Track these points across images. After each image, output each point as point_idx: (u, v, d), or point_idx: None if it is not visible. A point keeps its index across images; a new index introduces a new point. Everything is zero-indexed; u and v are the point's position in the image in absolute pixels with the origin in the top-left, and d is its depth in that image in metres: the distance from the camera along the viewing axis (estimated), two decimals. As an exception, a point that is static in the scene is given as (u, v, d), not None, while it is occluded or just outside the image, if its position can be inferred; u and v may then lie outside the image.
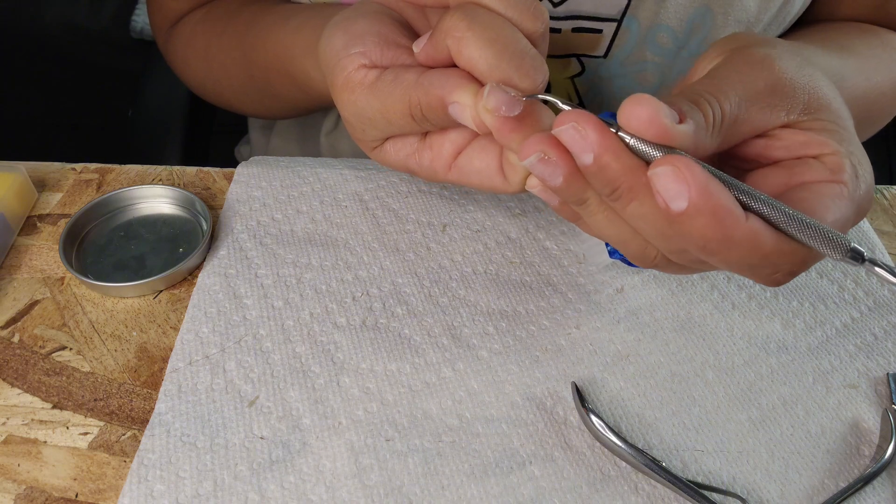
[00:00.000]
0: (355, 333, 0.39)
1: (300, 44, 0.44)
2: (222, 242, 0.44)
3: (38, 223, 0.46)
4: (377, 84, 0.33)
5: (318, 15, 0.44)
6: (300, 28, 0.44)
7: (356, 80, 0.34)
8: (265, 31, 0.48)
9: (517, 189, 0.34)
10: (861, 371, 0.39)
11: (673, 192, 0.26)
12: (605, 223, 0.31)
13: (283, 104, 0.52)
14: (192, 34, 0.54)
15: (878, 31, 0.51)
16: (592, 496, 0.33)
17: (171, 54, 0.58)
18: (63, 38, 1.31)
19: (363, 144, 0.37)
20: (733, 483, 0.34)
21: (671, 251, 0.30)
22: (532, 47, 0.31)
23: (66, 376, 0.37)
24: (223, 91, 0.55)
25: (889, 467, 0.34)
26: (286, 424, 0.35)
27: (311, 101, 0.48)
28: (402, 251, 0.44)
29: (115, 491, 0.33)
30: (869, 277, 0.44)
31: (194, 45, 0.54)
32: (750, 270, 0.29)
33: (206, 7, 0.55)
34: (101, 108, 1.21)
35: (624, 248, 0.31)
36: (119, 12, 1.27)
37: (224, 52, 0.51)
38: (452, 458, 0.34)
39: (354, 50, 0.34)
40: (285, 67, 0.46)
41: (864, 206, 0.31)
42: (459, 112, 0.32)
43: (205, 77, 0.55)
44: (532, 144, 0.29)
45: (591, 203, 0.30)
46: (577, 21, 0.46)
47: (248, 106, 0.55)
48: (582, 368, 0.38)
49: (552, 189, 0.30)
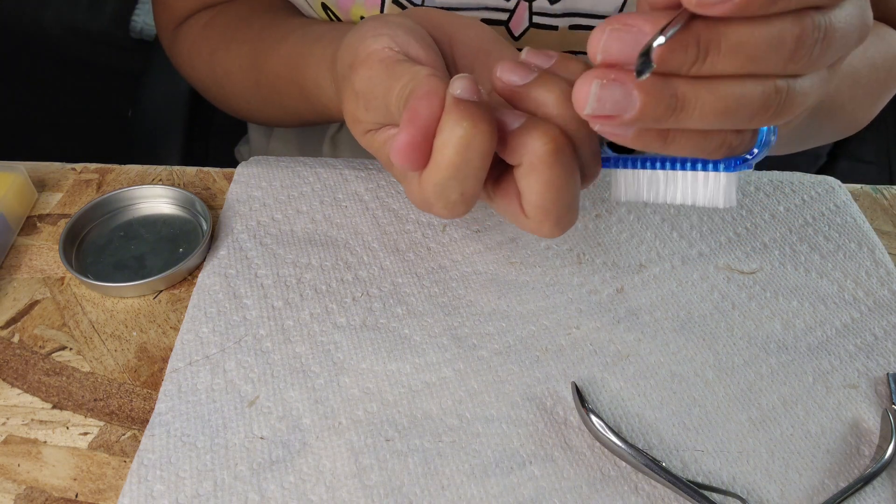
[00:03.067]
0: (355, 333, 0.39)
1: (317, 53, 0.44)
2: (222, 242, 0.44)
3: (38, 223, 0.46)
4: (395, 63, 0.33)
5: (338, 28, 0.44)
6: (319, 39, 0.44)
7: (378, 54, 0.33)
8: (280, 39, 0.48)
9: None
10: (861, 371, 0.39)
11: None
12: (712, 97, 0.26)
13: (287, 114, 0.51)
14: (197, 38, 0.54)
15: (878, 27, 0.51)
16: (592, 496, 0.33)
17: (177, 56, 0.58)
18: (63, 38, 1.30)
19: (358, 125, 0.36)
20: (733, 483, 0.34)
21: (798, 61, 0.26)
22: (576, 202, 0.32)
23: (65, 376, 0.37)
24: (226, 96, 0.55)
25: (889, 467, 0.34)
26: (286, 424, 0.35)
27: (316, 114, 0.48)
28: (402, 251, 0.44)
29: (115, 491, 0.33)
30: (869, 278, 0.44)
31: (199, 50, 0.54)
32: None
33: (213, 11, 0.55)
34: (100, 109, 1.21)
35: (750, 106, 0.27)
36: (119, 12, 1.27)
37: (230, 58, 0.51)
38: (452, 458, 0.34)
39: (384, 32, 0.34)
40: (296, 76, 0.46)
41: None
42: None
43: (209, 82, 0.55)
44: (584, 79, 0.26)
45: (685, 88, 0.26)
46: (574, 18, 0.46)
47: (251, 113, 0.55)
48: (582, 368, 0.38)
49: (628, 117, 0.26)
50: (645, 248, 0.45)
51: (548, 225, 0.32)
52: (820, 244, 0.46)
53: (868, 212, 0.48)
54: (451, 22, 0.37)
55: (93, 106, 1.27)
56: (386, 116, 0.34)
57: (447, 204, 0.32)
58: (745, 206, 0.48)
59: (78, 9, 1.29)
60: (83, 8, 1.29)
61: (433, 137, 0.30)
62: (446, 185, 0.30)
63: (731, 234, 0.46)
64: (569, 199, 0.31)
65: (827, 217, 0.47)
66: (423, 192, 0.31)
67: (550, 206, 0.31)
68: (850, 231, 0.46)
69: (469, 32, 0.36)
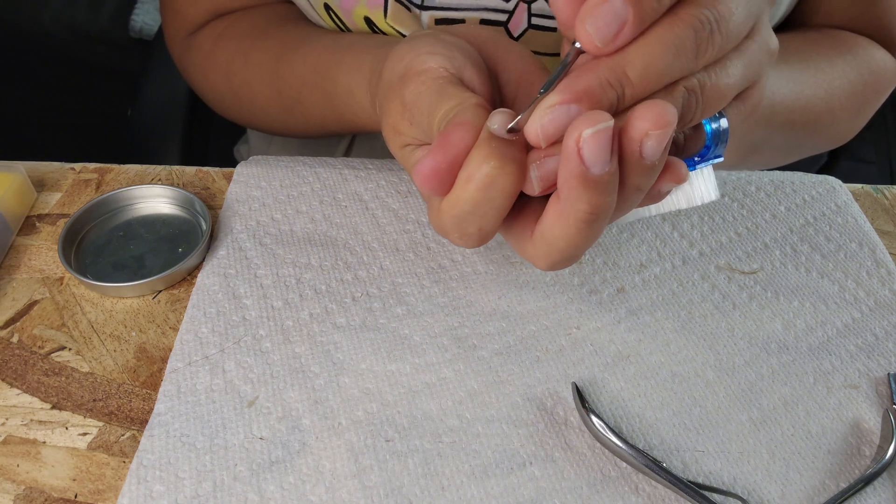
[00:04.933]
0: (355, 334, 0.39)
1: (349, 61, 0.43)
2: (221, 242, 0.44)
3: (37, 223, 0.46)
4: (448, 85, 0.32)
5: (370, 38, 0.44)
6: (349, 47, 0.44)
7: (434, 72, 0.33)
8: (305, 48, 0.47)
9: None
10: (862, 371, 0.39)
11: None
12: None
13: (309, 123, 0.51)
14: (213, 49, 0.54)
15: (852, 44, 0.52)
16: (593, 497, 0.33)
17: (189, 66, 0.57)
18: (62, 37, 1.30)
19: (398, 137, 0.35)
20: (734, 484, 0.34)
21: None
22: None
23: (65, 376, 0.37)
24: (243, 106, 0.54)
25: (890, 468, 0.34)
26: (286, 425, 0.35)
27: (342, 122, 0.47)
28: (401, 251, 0.44)
29: (115, 491, 0.33)
30: (870, 278, 0.44)
31: (215, 60, 0.53)
32: None
33: (226, 21, 0.54)
34: (99, 108, 1.21)
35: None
36: (118, 12, 1.27)
37: (250, 67, 0.51)
38: (452, 459, 0.34)
39: (441, 51, 0.34)
40: (324, 84, 0.46)
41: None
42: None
43: (224, 92, 0.54)
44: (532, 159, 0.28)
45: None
46: None
47: (269, 123, 0.55)
48: (582, 369, 0.38)
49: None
50: (645, 247, 0.45)
51: (549, 262, 0.31)
52: (821, 244, 0.46)
53: (869, 212, 0.48)
54: (498, 45, 0.36)
55: (92, 105, 1.27)
56: (427, 135, 0.33)
57: (463, 235, 0.31)
58: (746, 205, 0.48)
59: (77, 9, 1.29)
60: (82, 8, 1.29)
61: (459, 168, 0.29)
62: (465, 218, 0.30)
63: (731, 234, 0.46)
64: (584, 249, 0.31)
65: (828, 217, 0.47)
66: (440, 219, 0.31)
67: (566, 248, 0.30)
68: (851, 231, 0.46)
69: (514, 58, 0.36)
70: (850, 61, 0.50)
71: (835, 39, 0.52)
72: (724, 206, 0.48)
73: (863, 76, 0.51)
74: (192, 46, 0.56)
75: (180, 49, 0.58)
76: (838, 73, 0.49)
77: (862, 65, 0.51)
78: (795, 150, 0.53)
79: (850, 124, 0.53)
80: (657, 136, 0.26)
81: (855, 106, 0.51)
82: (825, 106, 0.49)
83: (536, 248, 0.31)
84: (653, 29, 0.26)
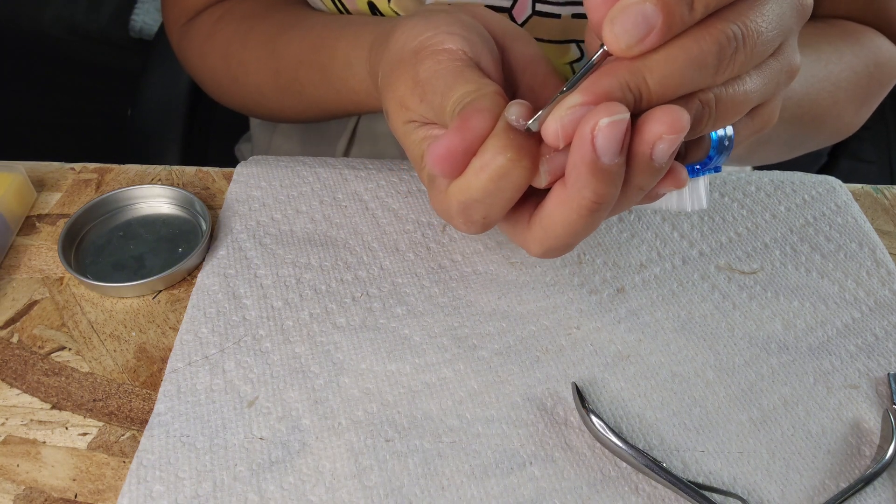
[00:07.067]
0: (355, 334, 0.39)
1: (348, 35, 0.43)
2: (221, 242, 0.44)
3: (37, 223, 0.46)
4: (467, 68, 0.32)
5: (370, 17, 0.44)
6: (347, 24, 0.44)
7: (453, 53, 0.33)
8: (303, 27, 0.47)
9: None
10: (862, 371, 0.39)
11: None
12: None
13: (306, 103, 0.50)
14: (210, 33, 0.54)
15: (859, 35, 0.52)
16: (593, 497, 0.33)
17: (186, 50, 0.57)
18: (62, 37, 1.31)
19: (404, 112, 0.34)
20: (734, 484, 0.34)
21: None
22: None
23: (65, 376, 0.37)
24: (239, 89, 0.54)
25: (890, 468, 0.34)
26: (286, 425, 0.35)
27: (340, 99, 0.47)
28: (402, 251, 0.44)
29: (115, 491, 0.33)
30: (870, 278, 0.44)
31: (213, 43, 0.53)
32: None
33: (224, 6, 0.54)
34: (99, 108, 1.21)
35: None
36: (118, 12, 1.27)
37: (248, 49, 0.51)
38: (452, 459, 0.34)
39: (459, 32, 0.33)
40: (321, 60, 0.45)
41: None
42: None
43: (222, 75, 0.54)
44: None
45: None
46: (576, 7, 0.46)
47: (266, 106, 0.54)
48: (582, 369, 0.38)
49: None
50: (645, 247, 0.45)
51: (544, 248, 0.31)
52: (821, 244, 0.46)
53: (869, 212, 0.48)
54: (505, 32, 0.36)
55: (92, 105, 1.27)
56: (436, 114, 0.33)
57: (467, 221, 0.31)
58: (746, 205, 0.48)
59: (77, 8, 1.29)
60: (82, 8, 1.29)
61: (474, 154, 0.29)
62: (472, 205, 0.30)
63: (731, 234, 0.46)
64: (580, 239, 0.31)
65: (828, 217, 0.47)
66: (446, 203, 0.31)
67: (564, 235, 0.30)
68: (851, 231, 0.46)
69: (520, 46, 0.36)
70: (858, 52, 0.50)
71: (842, 30, 0.51)
72: (724, 206, 0.48)
73: (868, 68, 0.51)
74: (190, 31, 0.56)
75: (179, 34, 0.58)
76: (845, 65, 0.49)
77: (868, 56, 0.51)
78: (800, 144, 0.53)
79: (854, 117, 0.53)
80: (670, 140, 0.27)
81: (860, 98, 0.51)
82: (832, 99, 0.48)
83: (533, 233, 0.31)
84: (678, 38, 0.26)
